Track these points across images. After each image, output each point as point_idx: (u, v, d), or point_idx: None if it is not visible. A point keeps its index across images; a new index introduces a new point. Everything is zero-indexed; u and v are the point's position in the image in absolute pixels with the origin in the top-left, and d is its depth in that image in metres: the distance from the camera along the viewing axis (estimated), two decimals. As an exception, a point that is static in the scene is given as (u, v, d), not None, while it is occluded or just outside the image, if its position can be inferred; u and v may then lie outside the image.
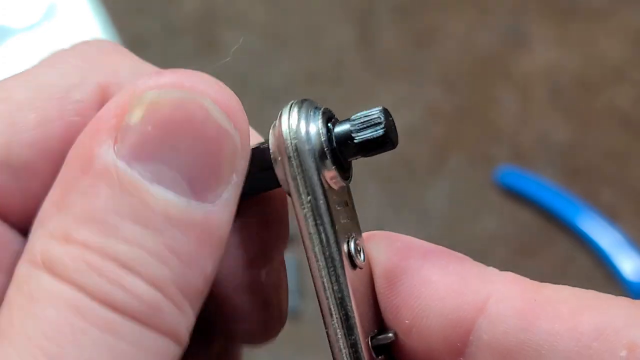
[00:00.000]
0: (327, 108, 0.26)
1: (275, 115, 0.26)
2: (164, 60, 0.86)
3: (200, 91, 0.23)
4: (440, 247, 0.26)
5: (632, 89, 0.82)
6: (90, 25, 0.85)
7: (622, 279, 0.73)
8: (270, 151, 0.25)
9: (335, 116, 0.26)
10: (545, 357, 0.23)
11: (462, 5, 0.86)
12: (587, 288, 0.26)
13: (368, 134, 0.25)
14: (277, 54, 0.85)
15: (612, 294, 0.24)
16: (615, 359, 0.23)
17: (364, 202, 0.79)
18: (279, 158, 0.25)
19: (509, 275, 0.25)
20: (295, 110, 0.25)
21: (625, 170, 0.79)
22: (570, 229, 0.76)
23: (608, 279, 0.74)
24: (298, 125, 0.25)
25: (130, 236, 0.22)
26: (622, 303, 0.25)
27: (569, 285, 0.26)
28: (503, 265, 0.25)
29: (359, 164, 0.26)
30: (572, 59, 0.83)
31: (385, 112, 0.26)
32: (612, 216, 0.76)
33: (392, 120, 0.26)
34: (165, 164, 0.22)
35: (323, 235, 0.25)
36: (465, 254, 0.27)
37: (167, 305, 0.22)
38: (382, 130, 0.25)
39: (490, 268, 0.26)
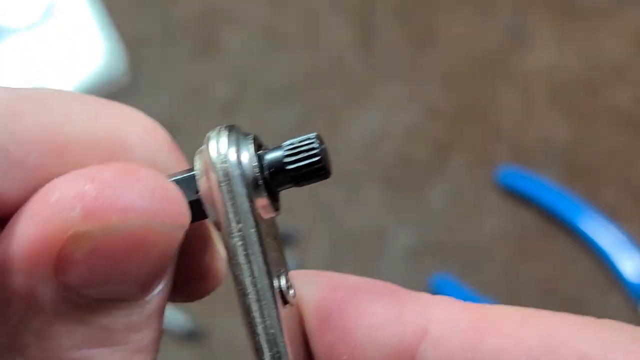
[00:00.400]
0: (256, 135, 0.25)
1: (276, 115, 0.26)
2: (164, 60, 0.86)
3: (153, 218, 0.23)
4: (372, 279, 0.26)
5: (634, 88, 0.82)
6: (90, 25, 0.85)
7: (623, 280, 0.73)
8: (196, 178, 0.24)
9: (265, 144, 0.25)
10: None
11: (462, 5, 0.86)
12: (588, 288, 0.26)
13: (301, 162, 0.24)
14: (277, 54, 0.85)
15: (613, 294, 0.24)
16: None
17: (363, 202, 0.79)
18: (207, 185, 0.23)
19: (446, 298, 0.25)
20: (224, 135, 0.24)
21: (626, 170, 0.79)
22: (571, 229, 0.76)
23: (609, 279, 0.74)
24: (228, 151, 0.24)
25: None
26: (566, 317, 0.24)
27: (570, 286, 0.26)
28: (503, 265, 0.24)
29: (359, 164, 0.26)
30: (573, 58, 0.83)
31: (319, 139, 0.24)
32: (614, 216, 0.76)
33: (326, 148, 0.24)
34: (117, 281, 0.23)
35: (255, 266, 0.23)
36: (465, 254, 0.27)
37: None
38: (317, 158, 0.24)
39: (426, 294, 0.25)
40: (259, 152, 0.24)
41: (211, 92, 0.84)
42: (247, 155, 0.24)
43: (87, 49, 0.84)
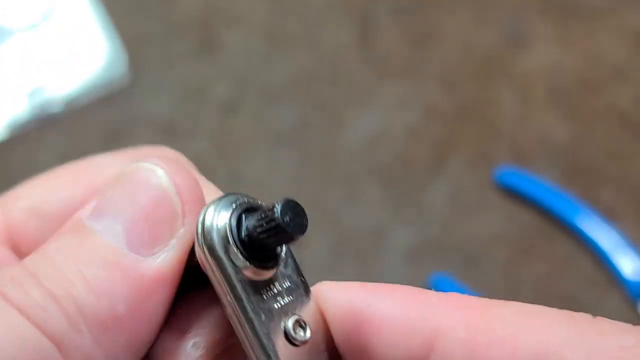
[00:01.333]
0: (246, 198, 0.26)
1: (276, 115, 0.26)
2: (164, 60, 0.86)
3: (155, 162, 0.27)
4: (380, 284, 0.27)
5: (633, 89, 0.82)
6: (90, 25, 0.85)
7: (622, 279, 0.73)
8: (196, 249, 0.26)
9: (255, 205, 0.26)
10: None
11: (462, 5, 0.86)
12: (587, 288, 0.27)
13: (267, 232, 0.25)
14: (277, 54, 0.85)
15: (613, 294, 0.24)
16: None
17: (364, 202, 0.79)
18: (201, 259, 0.25)
19: (453, 299, 0.26)
20: (210, 210, 0.25)
21: (625, 170, 0.79)
22: (570, 229, 0.76)
23: (608, 279, 0.74)
24: (211, 227, 0.25)
25: (58, 263, 0.26)
26: (561, 320, 0.25)
27: (569, 285, 0.27)
28: (503, 265, 0.25)
29: (358, 164, 0.26)
30: (573, 58, 0.83)
31: (285, 205, 0.25)
32: (612, 216, 0.76)
33: (295, 210, 0.25)
34: (113, 218, 0.26)
35: (249, 331, 0.25)
36: (464, 253, 0.28)
37: (57, 314, 0.25)
38: (278, 229, 0.25)
39: (434, 293, 0.27)
40: (239, 219, 0.25)
41: (211, 92, 0.84)
42: (223, 226, 0.25)
43: (87, 49, 0.85)
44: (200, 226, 0.25)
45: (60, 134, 0.82)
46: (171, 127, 0.82)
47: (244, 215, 0.26)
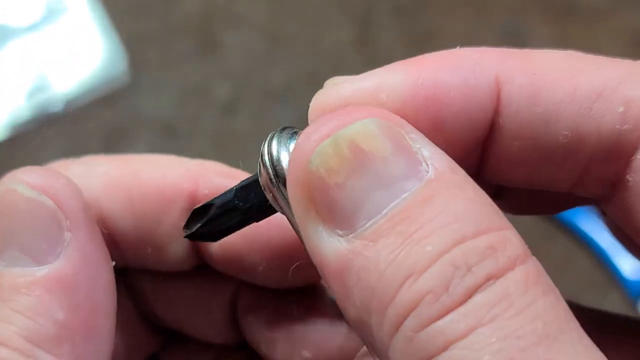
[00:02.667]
0: (297, 130, 0.27)
1: (276, 115, 0.26)
2: (164, 60, 0.86)
3: (12, 179, 0.28)
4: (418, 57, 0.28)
5: (632, 88, 0.82)
6: (91, 25, 0.86)
7: (622, 279, 0.73)
8: (260, 182, 0.26)
9: None
10: (553, 127, 0.25)
11: (462, 5, 0.87)
12: (586, 287, 0.27)
13: None
14: (277, 54, 0.85)
15: (612, 293, 0.25)
16: (614, 116, 0.25)
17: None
18: (267, 187, 0.26)
19: (507, 52, 0.28)
20: (275, 140, 0.26)
21: (624, 170, 0.79)
22: (569, 229, 0.76)
23: (607, 278, 0.74)
24: (279, 155, 0.26)
25: None
26: (619, 63, 0.26)
27: (568, 285, 0.27)
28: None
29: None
30: (572, 58, 0.83)
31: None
32: (612, 216, 0.76)
33: None
34: (9, 247, 0.27)
35: None
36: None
37: (13, 356, 0.25)
38: None
39: (489, 49, 0.29)
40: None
41: (211, 92, 0.84)
42: (287, 157, 0.26)
43: (87, 49, 0.85)
44: (268, 158, 0.26)
45: (60, 133, 0.82)
46: (171, 127, 0.82)
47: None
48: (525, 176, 0.27)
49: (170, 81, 0.84)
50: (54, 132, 0.82)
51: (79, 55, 0.84)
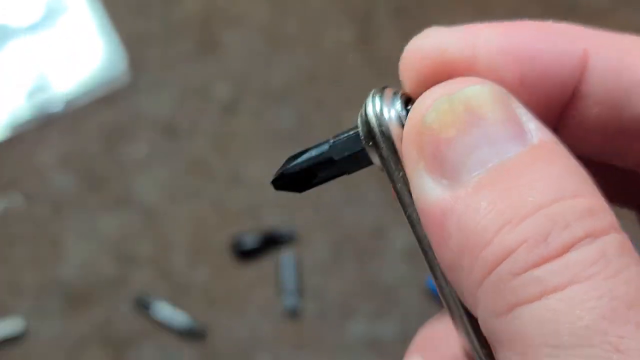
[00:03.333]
0: (405, 92, 0.28)
1: (276, 115, 0.26)
2: (164, 60, 0.86)
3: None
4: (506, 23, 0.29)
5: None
6: (91, 25, 0.86)
7: None
8: (361, 137, 0.27)
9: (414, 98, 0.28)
10: (635, 100, 0.26)
11: (462, 5, 0.87)
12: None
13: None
14: (277, 54, 0.85)
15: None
16: None
17: (364, 202, 0.79)
18: (370, 142, 0.27)
19: (596, 31, 0.28)
20: (377, 97, 0.27)
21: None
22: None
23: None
24: (382, 112, 0.27)
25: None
26: None
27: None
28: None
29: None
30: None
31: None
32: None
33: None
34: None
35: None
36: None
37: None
38: None
39: (572, 25, 0.29)
40: (407, 108, 0.27)
41: (211, 92, 0.84)
42: (395, 113, 0.27)
43: (87, 48, 0.85)
44: (373, 114, 0.27)
45: (60, 133, 0.82)
46: (171, 127, 0.82)
47: (410, 102, 0.28)
48: (598, 146, 0.28)
49: (170, 81, 0.84)
50: (54, 132, 0.82)
51: (79, 55, 0.85)
